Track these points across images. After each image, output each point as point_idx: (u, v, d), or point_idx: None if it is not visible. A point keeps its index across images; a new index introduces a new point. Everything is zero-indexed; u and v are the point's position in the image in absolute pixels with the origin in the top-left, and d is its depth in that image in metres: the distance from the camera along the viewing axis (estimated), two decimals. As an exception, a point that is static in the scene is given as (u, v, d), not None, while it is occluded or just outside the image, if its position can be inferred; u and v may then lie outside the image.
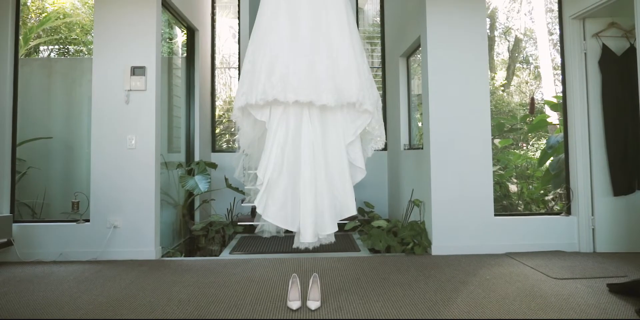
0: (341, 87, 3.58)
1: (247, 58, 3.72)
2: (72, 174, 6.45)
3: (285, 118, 3.63)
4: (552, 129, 8.64)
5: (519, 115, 11.18)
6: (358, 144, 3.81)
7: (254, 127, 3.85)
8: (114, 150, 5.47)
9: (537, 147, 10.86)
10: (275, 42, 3.59)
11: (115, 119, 5.49)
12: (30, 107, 6.43)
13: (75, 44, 9.66)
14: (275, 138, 3.61)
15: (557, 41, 15.26)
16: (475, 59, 5.59)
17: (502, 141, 8.78)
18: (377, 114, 3.77)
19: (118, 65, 5.51)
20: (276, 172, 3.61)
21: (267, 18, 3.71)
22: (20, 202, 6.11)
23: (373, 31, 9.54)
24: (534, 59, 16.19)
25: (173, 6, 6.55)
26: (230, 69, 10.31)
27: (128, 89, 5.47)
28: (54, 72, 6.66)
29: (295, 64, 3.52)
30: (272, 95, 3.46)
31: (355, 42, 3.72)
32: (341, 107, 3.68)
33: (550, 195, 7.30)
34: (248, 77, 3.65)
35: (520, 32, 16.51)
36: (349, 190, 3.72)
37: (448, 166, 5.52)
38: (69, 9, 9.44)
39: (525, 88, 15.96)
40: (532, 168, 8.36)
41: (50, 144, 6.46)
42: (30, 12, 9.21)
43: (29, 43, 8.46)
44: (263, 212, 3.64)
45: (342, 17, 3.72)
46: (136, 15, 5.54)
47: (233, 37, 10.04)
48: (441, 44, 5.60)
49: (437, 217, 5.50)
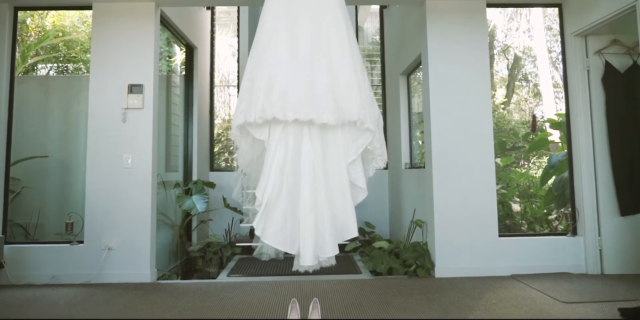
0: (342, 105, 3.50)
1: (246, 76, 3.64)
2: (67, 193, 6.34)
3: (285, 137, 3.55)
4: (554, 147, 8.55)
5: (520, 133, 11.10)
6: (359, 163, 3.73)
7: (252, 146, 3.77)
8: (109, 170, 5.37)
9: (538, 165, 10.77)
10: (275, 59, 3.52)
11: (112, 138, 5.40)
12: (26, 125, 6.34)
13: (75, 62, 9.59)
14: (274, 157, 3.53)
15: (556, 59, 15.31)
16: (477, 75, 5.51)
17: (503, 159, 8.68)
18: (378, 133, 3.68)
19: (115, 83, 5.43)
20: (275, 193, 3.52)
21: (266, 35, 3.64)
22: (14, 223, 5.99)
23: (372, 49, 9.51)
24: (533, 77, 16.20)
25: (172, 24, 6.50)
26: (229, 87, 10.26)
27: (125, 107, 5.39)
28: (51, 90, 6.58)
29: (294, 81, 3.45)
30: (271, 113, 3.38)
31: (356, 59, 3.65)
32: (342, 126, 3.60)
33: (553, 215, 7.19)
34: (247, 95, 3.58)
35: (519, 50, 16.52)
36: (350, 211, 3.63)
37: (450, 185, 5.41)
38: (69, 28, 9.38)
39: (525, 106, 15.94)
40: (535, 187, 8.25)
41: (46, 163, 6.35)
42: (29, 31, 9.15)
43: (27, 61, 8.39)
44: (261, 234, 3.54)
45: (343, 34, 3.65)
46: (134, 32, 5.48)
47: (232, 55, 10.02)
48: (442, 61, 5.52)
49: (440, 238, 5.38)
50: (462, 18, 5.55)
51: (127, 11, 5.50)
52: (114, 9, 5.51)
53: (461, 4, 5.55)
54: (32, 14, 8.94)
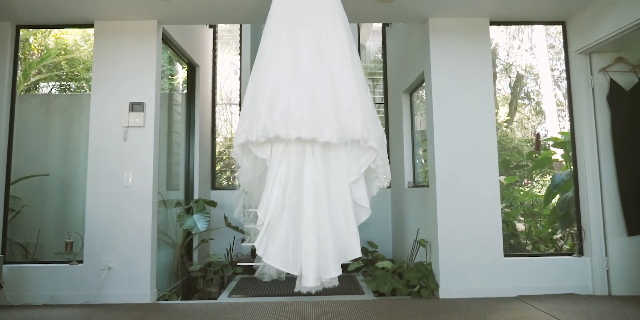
0: (345, 124, 3.47)
1: (248, 94, 3.62)
2: (68, 212, 6.29)
3: (287, 155, 3.51)
4: (558, 166, 8.50)
5: (523, 151, 11.05)
6: (362, 182, 3.68)
7: (254, 165, 3.74)
8: (110, 188, 5.33)
9: (542, 184, 10.71)
10: (277, 77, 3.50)
11: (112, 156, 5.36)
12: (27, 143, 6.31)
13: (77, 81, 9.59)
14: (276, 176, 3.49)
15: (559, 77, 15.30)
16: (480, 93, 5.48)
17: (507, 178, 8.62)
18: (382, 151, 3.64)
19: (116, 101, 5.41)
20: (277, 212, 3.48)
21: (268, 53, 3.62)
22: (14, 242, 5.94)
23: (375, 67, 9.50)
24: (535, 95, 16.19)
25: (174, 42, 6.49)
26: (231, 105, 10.23)
27: (126, 125, 5.36)
28: (52, 109, 6.56)
29: (297, 99, 3.42)
30: (273, 131, 3.35)
31: (359, 76, 3.63)
32: (345, 144, 3.57)
33: (558, 234, 7.12)
34: (248, 113, 3.55)
35: (521, 68, 16.53)
36: (353, 231, 3.58)
37: (454, 204, 5.35)
38: (72, 46, 9.39)
39: (527, 124, 15.91)
40: (539, 206, 8.18)
41: (47, 182, 6.31)
42: (32, 49, 9.15)
43: (29, 79, 8.38)
44: (263, 254, 3.49)
45: (345, 51, 3.63)
46: (136, 50, 5.46)
47: (234, 73, 10.00)
48: (445, 78, 5.49)
49: (444, 258, 5.30)
50: (465, 36, 5.53)
51: (129, 29, 5.49)
52: (116, 27, 5.49)
53: (464, 22, 5.53)
54: (34, 33, 8.95)
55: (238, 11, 5.35)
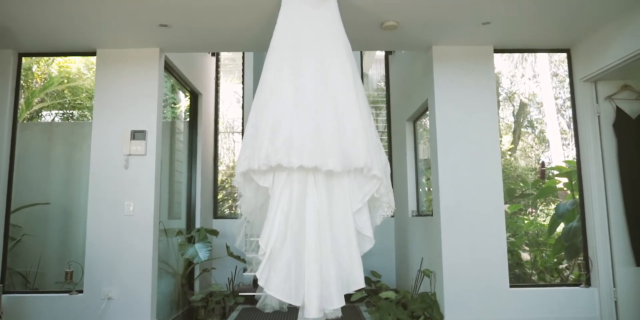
0: (348, 152, 3.47)
1: (250, 121, 3.61)
2: (69, 241, 6.25)
3: (289, 184, 3.49)
4: (563, 195, 8.44)
5: (528, 180, 11.01)
6: (366, 211, 3.67)
7: (256, 193, 3.73)
8: (111, 217, 5.28)
9: (546, 212, 10.65)
10: (279, 105, 3.50)
11: (113, 185, 5.32)
12: (29, 172, 6.29)
13: (80, 109, 9.62)
14: (278, 205, 3.47)
15: (562, 105, 15.32)
16: (485, 121, 5.45)
17: (511, 206, 8.57)
18: (385, 180, 3.63)
19: (118, 129, 5.39)
20: (279, 242, 3.46)
21: (270, 80, 3.63)
22: (14, 271, 5.88)
23: (378, 96, 9.52)
24: (538, 123, 16.20)
25: (177, 70, 6.50)
26: (233, 133, 10.25)
27: (127, 153, 5.32)
28: (54, 137, 6.56)
29: (299, 127, 3.41)
30: (275, 160, 3.34)
31: (362, 104, 3.62)
32: (348, 173, 3.56)
33: (564, 264, 7.04)
34: (250, 141, 3.55)
35: (524, 96, 16.56)
36: (356, 261, 3.55)
37: (459, 234, 5.29)
38: (75, 75, 9.43)
39: (531, 152, 15.89)
40: (544, 235, 8.11)
41: (48, 210, 6.28)
42: (35, 77, 9.19)
43: (32, 107, 8.39)
44: (265, 285, 3.46)
45: (349, 79, 3.63)
46: (138, 78, 5.46)
47: (237, 101, 10.03)
48: (449, 106, 5.47)
49: (449, 289, 5.22)
50: (470, 63, 5.52)
51: (131, 57, 5.49)
52: (118, 55, 5.49)
53: (468, 50, 5.53)
54: (38, 61, 8.99)
55: (240, 39, 5.36)
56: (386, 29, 4.93)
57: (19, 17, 4.63)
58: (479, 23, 4.90)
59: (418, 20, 4.83)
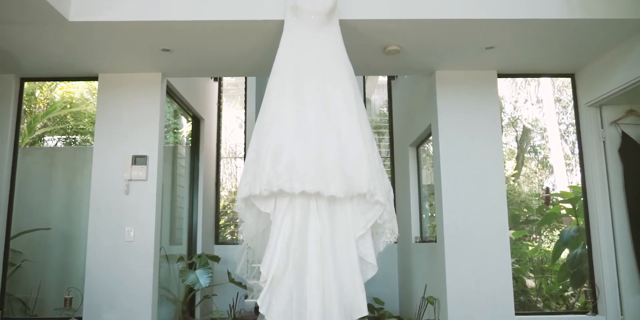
0: (351, 177, 3.45)
1: (252, 146, 3.60)
2: (69, 267, 6.21)
3: (291, 210, 3.47)
4: (567, 221, 8.39)
5: (532, 205, 10.96)
6: (369, 237, 3.64)
7: (258, 219, 3.71)
8: (111, 243, 5.23)
9: (551, 239, 10.60)
10: (281, 129, 3.50)
11: (114, 210, 5.28)
12: (30, 197, 6.27)
13: (83, 134, 9.64)
14: (280, 231, 3.44)
15: (566, 131, 15.31)
16: (488, 146, 5.41)
17: (515, 233, 8.51)
18: (389, 206, 3.60)
19: (119, 154, 5.36)
20: (281, 269, 3.43)
21: (272, 105, 3.63)
22: (13, 297, 5.82)
23: (380, 121, 9.53)
24: (542, 149, 16.19)
25: (179, 95, 6.51)
26: (236, 158, 10.26)
27: (128, 178, 5.29)
28: (55, 162, 6.56)
29: (301, 152, 3.40)
30: (277, 185, 3.32)
31: (365, 129, 3.61)
32: (351, 198, 3.55)
33: (569, 291, 6.96)
34: (252, 166, 3.53)
35: (527, 122, 16.57)
36: (359, 289, 3.51)
37: (464, 261, 5.23)
38: (78, 100, 9.46)
39: (535, 178, 15.86)
40: (548, 261, 8.04)
41: (49, 236, 6.24)
42: (38, 102, 9.22)
43: (34, 132, 8.41)
44: (266, 312, 3.43)
45: (351, 103, 3.62)
46: (139, 102, 5.45)
47: (240, 127, 10.05)
48: (453, 131, 5.44)
49: (454, 316, 5.15)
50: (473, 88, 5.50)
51: (133, 82, 5.48)
52: (120, 80, 5.49)
53: (472, 74, 5.51)
54: (41, 86, 9.02)
55: (242, 64, 5.37)
56: (389, 53, 4.92)
57: (20, 42, 4.64)
58: (482, 47, 4.89)
59: (421, 44, 4.83)
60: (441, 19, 4.29)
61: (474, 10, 4.28)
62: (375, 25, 4.35)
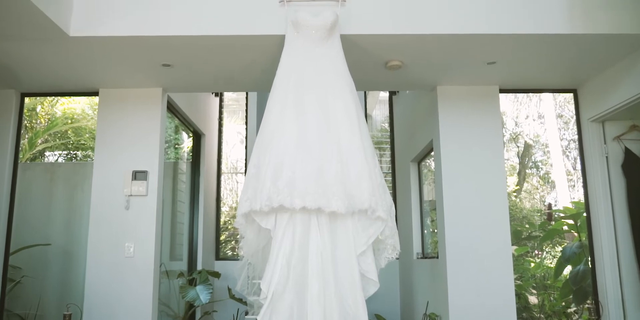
0: (352, 193, 3.43)
1: (252, 162, 3.58)
2: (69, 283, 6.16)
3: (292, 226, 3.45)
4: (570, 237, 8.35)
5: (534, 221, 10.92)
6: (370, 254, 3.61)
7: (258, 235, 3.68)
8: (111, 259, 5.19)
9: (553, 255, 10.55)
10: (282, 144, 3.48)
11: (114, 226, 5.25)
12: (30, 212, 6.24)
13: (84, 149, 9.63)
14: (280, 247, 3.42)
15: (567, 146, 15.30)
16: (491, 161, 5.39)
17: (517, 249, 8.47)
18: (390, 222, 3.57)
19: (119, 169, 5.34)
20: (281, 285, 3.40)
21: (273, 120, 3.62)
22: (12, 313, 5.78)
23: (381, 137, 9.52)
24: (543, 164, 16.18)
25: (180, 110, 6.50)
26: (237, 174, 10.24)
27: (129, 194, 5.26)
28: (56, 177, 6.54)
29: (302, 168, 3.38)
30: (277, 201, 3.30)
31: (366, 144, 3.59)
32: (352, 214, 3.52)
33: (572, 308, 6.91)
34: (253, 181, 3.51)
35: (529, 137, 16.57)
36: (361, 305, 3.48)
37: (466, 277, 5.18)
38: (79, 115, 9.46)
39: (537, 194, 15.83)
40: (551, 278, 8.00)
41: (49, 251, 6.20)
42: (39, 118, 9.22)
43: (35, 147, 8.40)
44: (267, 329, 3.35)
45: (353, 118, 3.61)
46: (140, 118, 5.43)
47: (241, 142, 10.04)
48: (455, 146, 5.42)
49: (456, 333, 5.10)
50: (475, 103, 5.49)
51: (133, 97, 5.47)
52: (120, 95, 5.48)
53: (473, 89, 5.50)
54: (42, 102, 9.02)
55: (243, 79, 5.37)
56: (390, 68, 4.92)
57: (21, 57, 4.64)
58: (484, 63, 4.88)
59: (422, 59, 4.82)
60: (443, 34, 4.28)
61: (476, 25, 4.27)
62: (376, 40, 4.35)
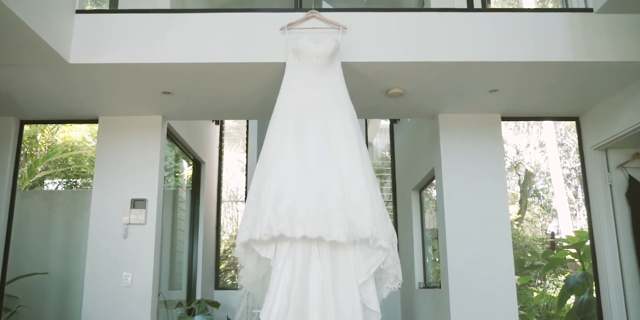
0: (353, 221, 3.39)
1: (252, 189, 3.55)
2: (66, 313, 6.08)
3: (292, 255, 3.40)
4: (572, 266, 8.27)
5: (537, 250, 10.85)
6: (372, 284, 3.54)
7: (258, 265, 3.63)
8: (108, 288, 5.13)
9: (556, 284, 10.47)
10: (282, 172, 3.46)
11: (112, 255, 5.20)
12: (27, 241, 6.18)
13: (84, 177, 9.61)
14: (280, 277, 3.36)
15: (569, 175, 15.28)
16: (493, 189, 5.36)
17: (520, 278, 8.39)
18: (392, 251, 3.53)
19: (118, 197, 5.31)
20: (281, 315, 3.34)
21: (274, 147, 3.60)
22: (7, 344, 5.68)
23: (382, 165, 9.50)
24: (544, 193, 16.15)
25: (180, 138, 6.49)
26: (237, 202, 10.20)
27: (127, 222, 5.22)
28: (55, 205, 6.50)
29: (303, 195, 3.35)
30: (277, 229, 3.26)
31: (367, 171, 3.56)
32: (353, 243, 3.46)
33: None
34: (252, 209, 3.48)
35: (530, 166, 16.56)
36: (362, 336, 3.38)
37: (469, 307, 5.11)
38: (79, 143, 9.46)
39: (539, 222, 15.77)
40: (554, 308, 7.91)
41: (46, 280, 6.12)
42: (40, 146, 9.21)
43: (34, 175, 8.37)
44: (266, 360, 3.29)
45: (353, 144, 3.59)
46: (139, 145, 5.42)
47: (241, 170, 10.02)
48: (457, 174, 5.39)
49: (460, 365, 5.01)
50: (477, 130, 5.47)
51: (133, 125, 5.46)
52: (120, 122, 5.47)
53: (475, 117, 5.49)
54: (42, 129, 9.02)
55: (243, 107, 5.37)
56: (392, 96, 4.90)
57: (20, 84, 4.64)
58: (486, 90, 4.87)
59: (424, 87, 4.81)
60: (444, 62, 4.28)
61: (478, 52, 4.27)
62: (377, 67, 4.34)
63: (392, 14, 4.46)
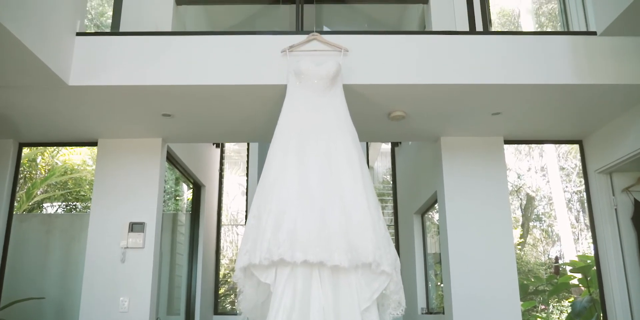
0: (355, 246, 3.34)
1: (252, 212, 3.50)
2: (63, 339, 5.99)
3: (293, 280, 3.33)
4: (577, 291, 8.18)
5: (540, 275, 10.76)
6: (374, 310, 3.45)
7: (257, 290, 3.56)
8: (104, 314, 5.04)
9: (559, 309, 10.36)
10: (283, 195, 3.41)
11: (109, 279, 5.12)
12: (24, 265, 6.12)
13: (84, 200, 9.57)
14: (280, 303, 3.28)
15: (570, 199, 15.22)
16: (496, 212, 5.31)
17: (524, 304, 8.28)
18: (395, 276, 3.45)
19: (116, 221, 5.25)
20: (281, 342, 3.21)
21: (274, 169, 3.56)
22: (1, 373, 5.59)
23: (384, 188, 9.46)
24: (547, 217, 16.09)
25: (180, 161, 6.45)
26: (237, 226, 10.13)
27: (124, 246, 5.15)
28: (52, 228, 6.45)
29: (304, 219, 3.30)
30: (278, 254, 3.20)
31: (369, 194, 3.51)
32: (355, 268, 3.39)
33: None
34: (252, 233, 3.42)
35: (532, 190, 16.52)
36: (364, 363, 3.30)
37: (474, 335, 5.02)
38: (79, 166, 9.43)
39: (541, 247, 15.69)
40: (560, 334, 7.81)
41: (43, 305, 6.03)
42: (39, 169, 9.18)
43: (33, 198, 8.32)
44: None
45: (355, 166, 3.55)
46: (138, 168, 5.39)
47: (242, 194, 9.98)
48: (459, 198, 5.35)
49: None
50: (479, 154, 5.44)
51: (133, 147, 5.43)
52: (119, 145, 5.44)
53: (477, 140, 5.46)
54: (42, 153, 8.99)
55: (244, 130, 5.35)
56: (394, 119, 4.87)
57: (19, 106, 4.61)
58: (488, 113, 4.84)
59: (426, 110, 4.79)
60: (447, 84, 4.26)
61: (480, 75, 4.25)
62: (379, 90, 4.32)
63: (394, 37, 4.46)
